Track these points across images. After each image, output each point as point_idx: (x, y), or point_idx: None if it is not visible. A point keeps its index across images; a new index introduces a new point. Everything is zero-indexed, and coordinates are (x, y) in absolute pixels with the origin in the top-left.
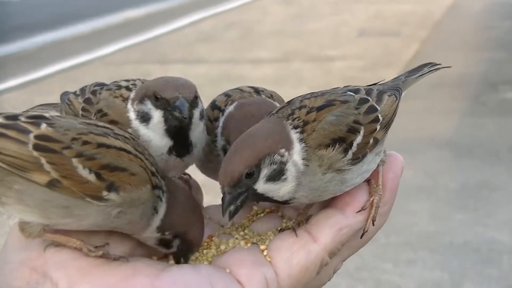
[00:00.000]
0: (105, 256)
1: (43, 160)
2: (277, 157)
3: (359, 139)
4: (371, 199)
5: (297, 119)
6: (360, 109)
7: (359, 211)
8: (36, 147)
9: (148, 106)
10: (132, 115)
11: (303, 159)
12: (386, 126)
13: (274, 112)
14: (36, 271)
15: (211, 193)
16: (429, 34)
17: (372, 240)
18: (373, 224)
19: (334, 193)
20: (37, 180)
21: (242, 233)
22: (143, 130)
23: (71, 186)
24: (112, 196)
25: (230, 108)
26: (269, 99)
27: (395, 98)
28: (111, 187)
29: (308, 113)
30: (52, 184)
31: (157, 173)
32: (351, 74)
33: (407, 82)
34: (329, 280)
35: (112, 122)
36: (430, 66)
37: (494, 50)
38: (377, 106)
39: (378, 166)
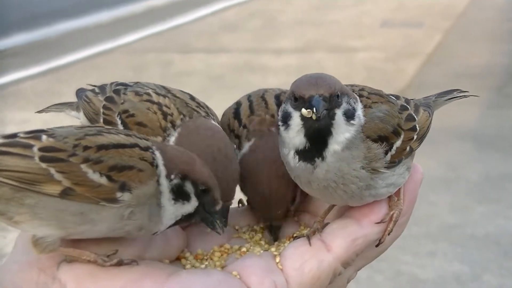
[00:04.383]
0: (119, 264)
1: (52, 171)
2: (352, 101)
3: (399, 143)
4: (391, 213)
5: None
6: (402, 114)
7: (378, 223)
8: (43, 159)
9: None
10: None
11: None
12: (421, 138)
13: None
14: (44, 272)
15: None
16: (452, 25)
17: None
18: (388, 234)
19: (352, 196)
20: (49, 191)
21: (256, 238)
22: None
23: (84, 192)
24: (125, 196)
25: (245, 149)
26: None
27: (428, 115)
28: (123, 187)
29: (361, 89)
30: (65, 193)
31: (152, 147)
32: (373, 65)
33: (437, 102)
34: None
35: (140, 124)
36: (459, 92)
37: None
38: (415, 116)
39: None
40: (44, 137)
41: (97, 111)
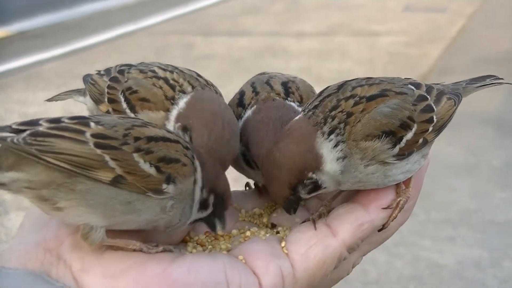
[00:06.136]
0: (164, 251)
1: (107, 157)
2: (307, 182)
3: (409, 135)
4: (398, 199)
5: (339, 114)
6: (417, 106)
7: (384, 208)
8: (98, 145)
9: None
10: None
11: (339, 159)
12: (439, 129)
13: (316, 102)
14: (50, 252)
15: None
16: (476, 10)
17: (412, 216)
18: (393, 220)
19: (377, 185)
20: (102, 178)
21: (261, 222)
22: None
23: (134, 182)
24: (170, 188)
25: (248, 113)
26: (290, 104)
27: (453, 103)
28: (169, 179)
29: (355, 104)
30: (116, 181)
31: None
32: (396, 49)
33: (467, 89)
34: (347, 275)
35: (143, 99)
36: (493, 79)
37: None
38: (434, 107)
39: None
40: (92, 124)
41: (102, 91)
